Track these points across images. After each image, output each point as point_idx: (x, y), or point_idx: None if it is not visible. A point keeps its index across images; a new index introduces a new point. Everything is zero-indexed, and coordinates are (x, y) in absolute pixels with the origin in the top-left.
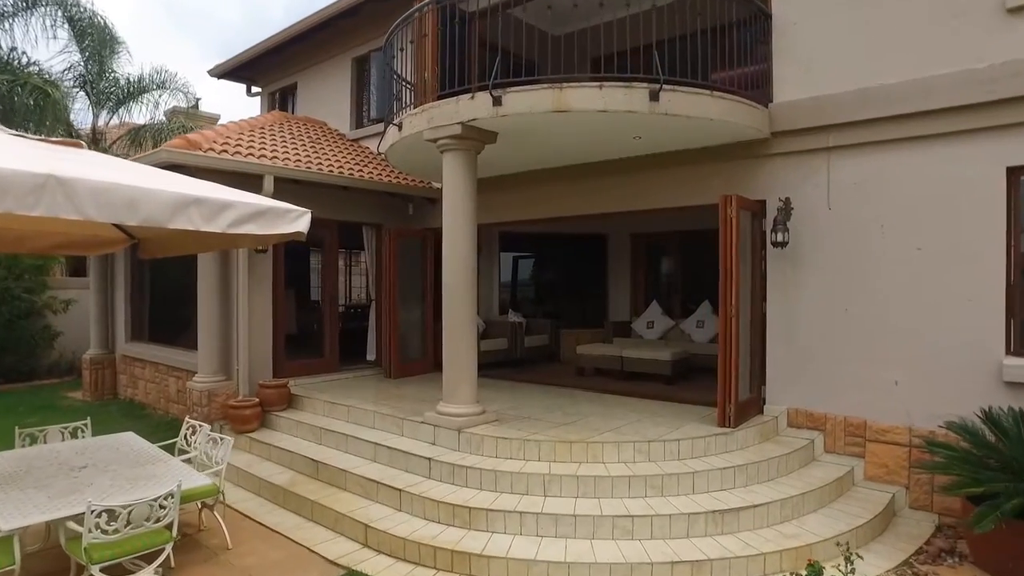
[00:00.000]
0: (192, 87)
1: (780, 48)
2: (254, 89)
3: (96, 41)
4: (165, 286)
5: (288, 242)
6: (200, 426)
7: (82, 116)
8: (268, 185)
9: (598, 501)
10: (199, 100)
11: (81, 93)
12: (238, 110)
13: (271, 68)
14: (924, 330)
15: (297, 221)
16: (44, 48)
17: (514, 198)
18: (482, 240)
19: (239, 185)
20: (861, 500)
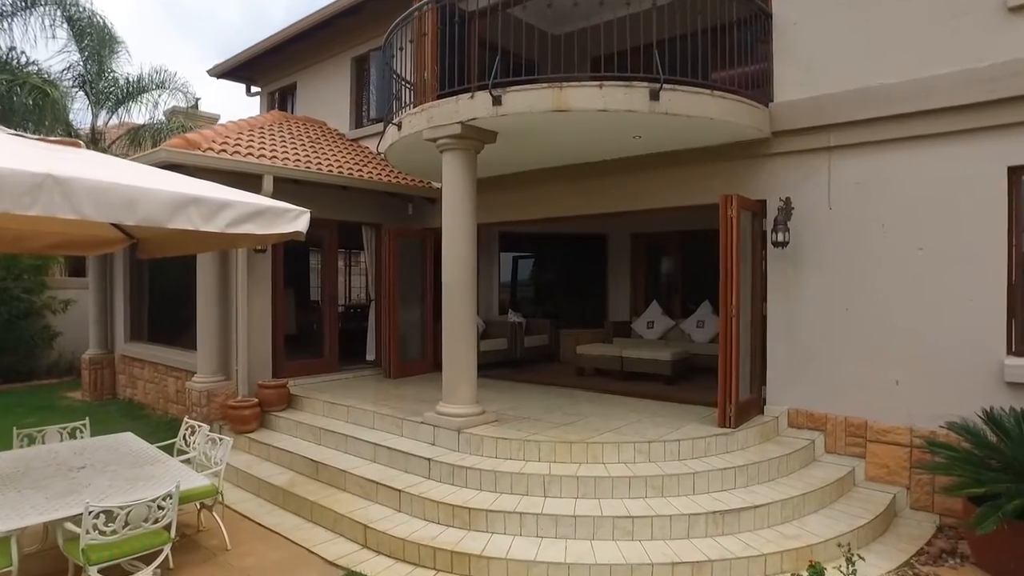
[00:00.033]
0: (192, 87)
1: (780, 47)
2: (253, 89)
3: (95, 41)
4: (164, 286)
5: (287, 242)
6: (199, 426)
7: (81, 116)
8: (267, 185)
9: (598, 502)
10: (199, 100)
11: (80, 93)
12: (237, 110)
13: (270, 68)
14: (925, 330)
15: (296, 220)
16: (43, 48)
17: (514, 198)
18: (482, 240)
19: (238, 185)
20: (862, 501)
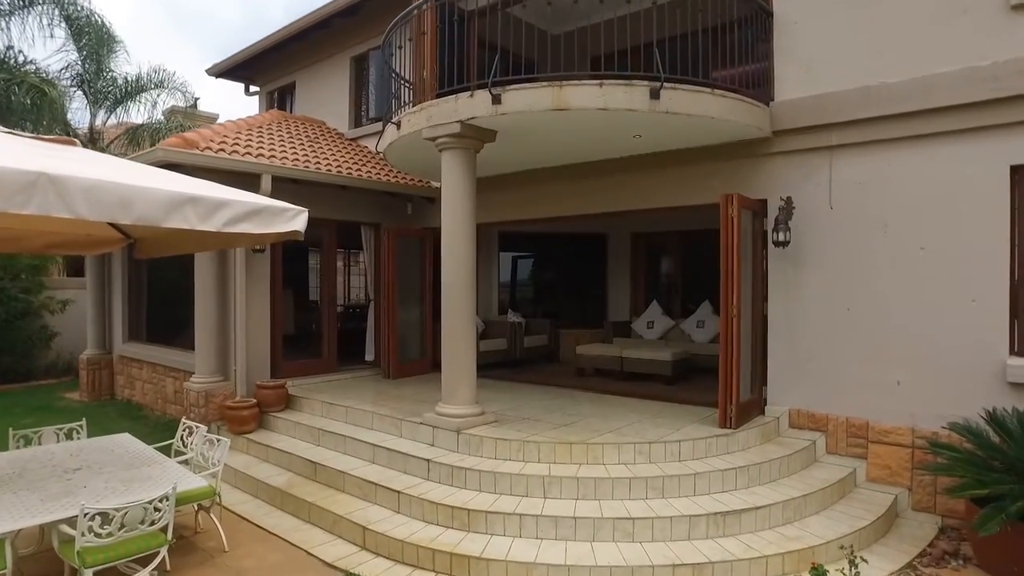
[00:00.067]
0: (190, 86)
1: (781, 46)
2: (252, 88)
3: (94, 40)
4: (162, 286)
5: (286, 242)
6: (197, 427)
7: (80, 115)
8: (266, 184)
9: (598, 503)
10: (197, 99)
11: (79, 92)
12: (236, 109)
13: (269, 67)
14: (927, 330)
15: (294, 220)
16: (41, 47)
17: (514, 197)
18: (481, 240)
19: (237, 184)
20: (864, 502)
